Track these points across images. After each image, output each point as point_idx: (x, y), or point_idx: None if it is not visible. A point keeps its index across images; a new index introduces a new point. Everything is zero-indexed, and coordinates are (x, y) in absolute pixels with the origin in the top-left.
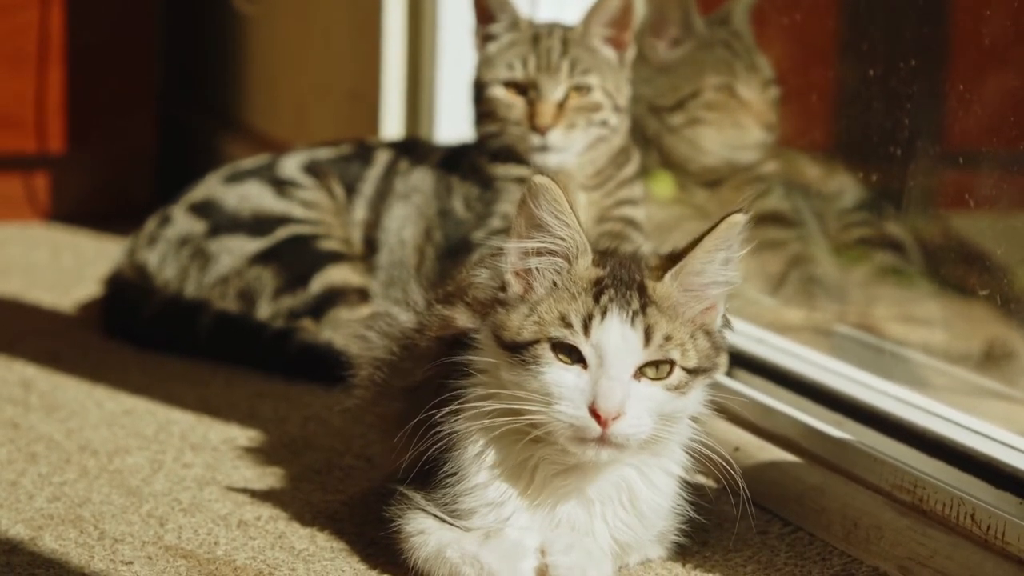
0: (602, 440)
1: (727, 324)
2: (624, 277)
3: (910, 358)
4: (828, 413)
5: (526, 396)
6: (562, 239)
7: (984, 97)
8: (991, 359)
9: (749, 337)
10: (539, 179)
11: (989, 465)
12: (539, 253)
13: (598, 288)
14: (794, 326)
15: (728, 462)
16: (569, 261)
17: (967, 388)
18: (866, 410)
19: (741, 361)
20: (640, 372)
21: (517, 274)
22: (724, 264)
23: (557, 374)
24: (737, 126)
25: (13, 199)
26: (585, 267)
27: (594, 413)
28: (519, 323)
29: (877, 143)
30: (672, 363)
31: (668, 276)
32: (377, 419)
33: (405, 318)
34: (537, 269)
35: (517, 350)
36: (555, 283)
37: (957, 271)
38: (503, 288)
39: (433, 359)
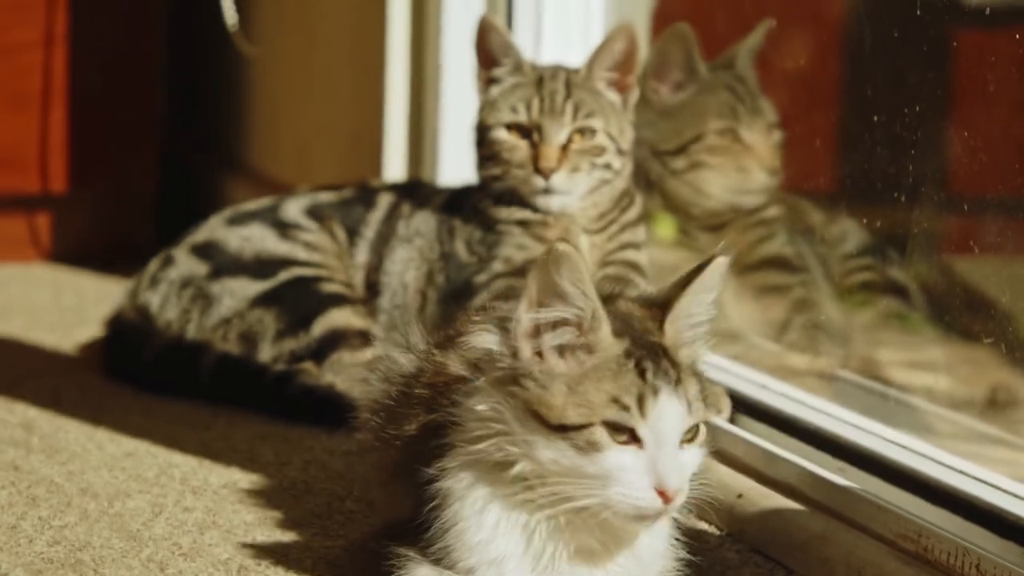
0: (661, 514)
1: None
2: (644, 342)
3: (914, 404)
4: (831, 460)
5: (576, 479)
6: (580, 309)
7: (989, 143)
8: (995, 406)
9: (752, 383)
10: (561, 247)
11: (994, 514)
12: (555, 323)
13: (634, 362)
14: (798, 371)
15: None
16: (587, 331)
17: (971, 435)
18: (870, 457)
19: (744, 407)
20: (681, 440)
21: (531, 341)
22: (708, 305)
23: (617, 457)
24: (740, 170)
25: (15, 239)
26: (607, 338)
27: (660, 492)
28: (562, 402)
29: (881, 189)
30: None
31: (667, 326)
32: (374, 466)
33: (405, 361)
34: (552, 338)
35: (565, 431)
36: (578, 356)
37: (962, 317)
38: (515, 355)
39: (427, 406)
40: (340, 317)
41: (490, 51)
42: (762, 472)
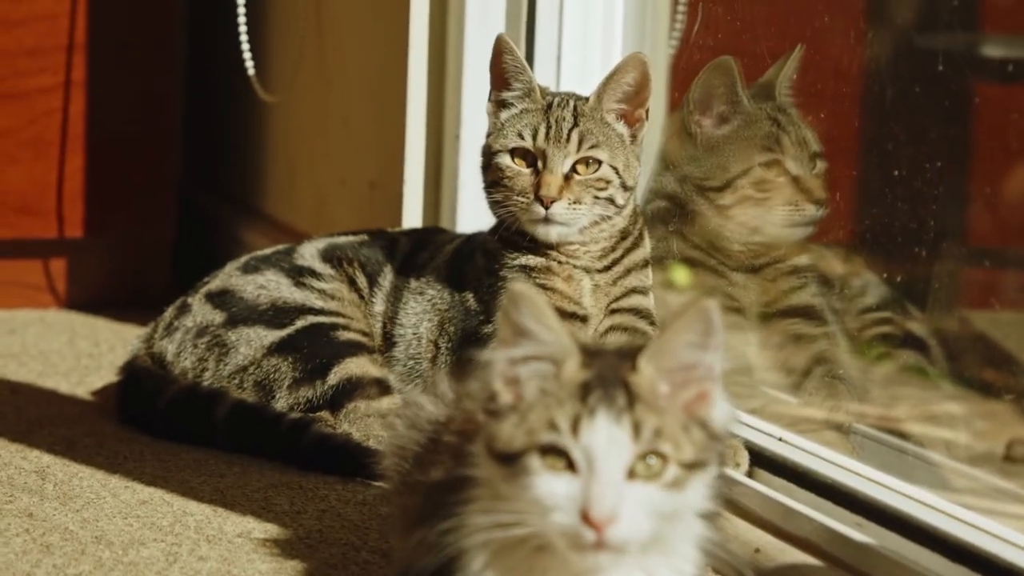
0: (599, 545)
1: (729, 415)
2: (609, 376)
3: (932, 459)
4: (849, 515)
5: (523, 509)
6: (546, 344)
7: (1010, 198)
8: (1013, 461)
9: (770, 436)
10: (517, 287)
11: (1013, 573)
12: (525, 360)
13: (585, 390)
14: (816, 425)
15: (738, 559)
16: (556, 365)
17: (990, 491)
18: (887, 512)
19: (761, 460)
20: (632, 473)
21: (506, 383)
22: (702, 350)
23: (548, 484)
24: (788, 203)
25: (31, 285)
26: (572, 370)
27: (587, 519)
28: (510, 432)
29: (902, 243)
30: (665, 458)
31: (642, 363)
32: (398, 511)
33: (433, 408)
34: (525, 376)
35: (509, 461)
36: (543, 390)
37: (981, 372)
38: (493, 398)
39: (454, 455)
40: (356, 366)
41: (503, 72)
42: (779, 527)
